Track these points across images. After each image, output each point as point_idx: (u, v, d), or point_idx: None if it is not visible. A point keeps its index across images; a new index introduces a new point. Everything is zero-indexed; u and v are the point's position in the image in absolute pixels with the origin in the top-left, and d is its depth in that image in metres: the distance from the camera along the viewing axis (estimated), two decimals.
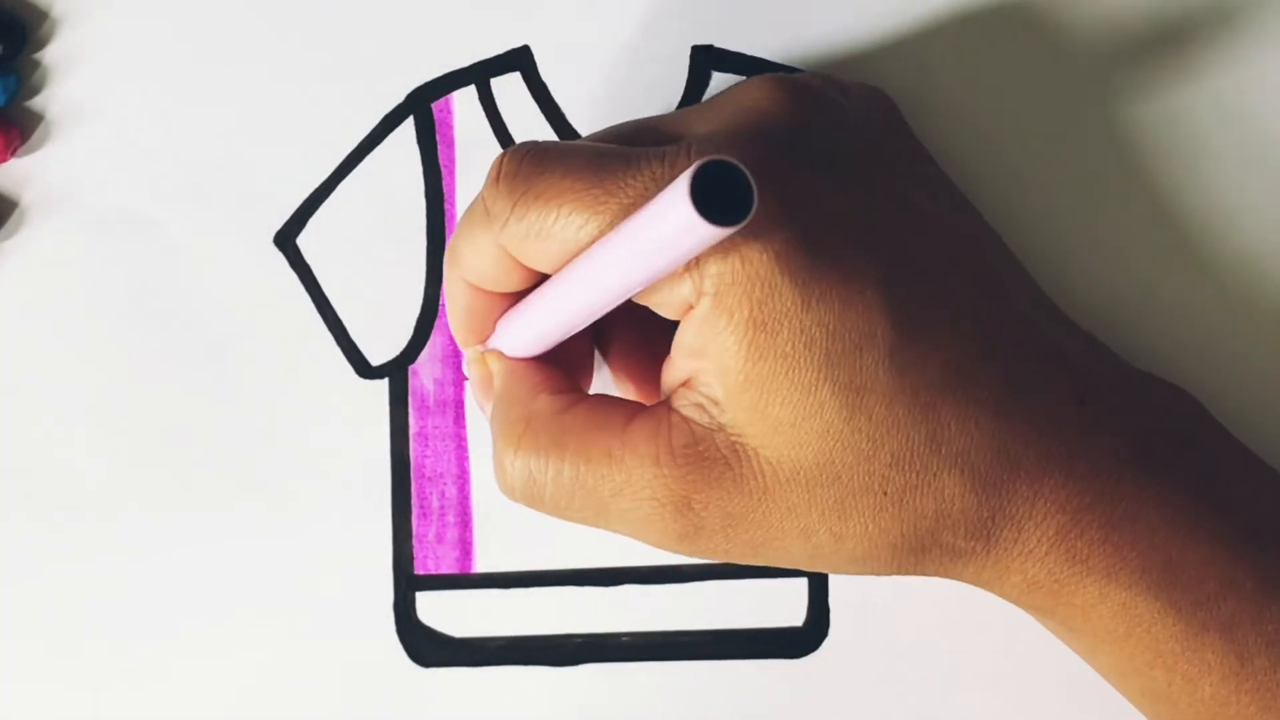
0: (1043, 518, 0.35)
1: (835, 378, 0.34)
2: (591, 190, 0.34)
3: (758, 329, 0.33)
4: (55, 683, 0.42)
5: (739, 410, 0.34)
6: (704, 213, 0.29)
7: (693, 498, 0.34)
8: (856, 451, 0.34)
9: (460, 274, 0.37)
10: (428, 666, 0.42)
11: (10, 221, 0.43)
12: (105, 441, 0.43)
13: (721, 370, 0.34)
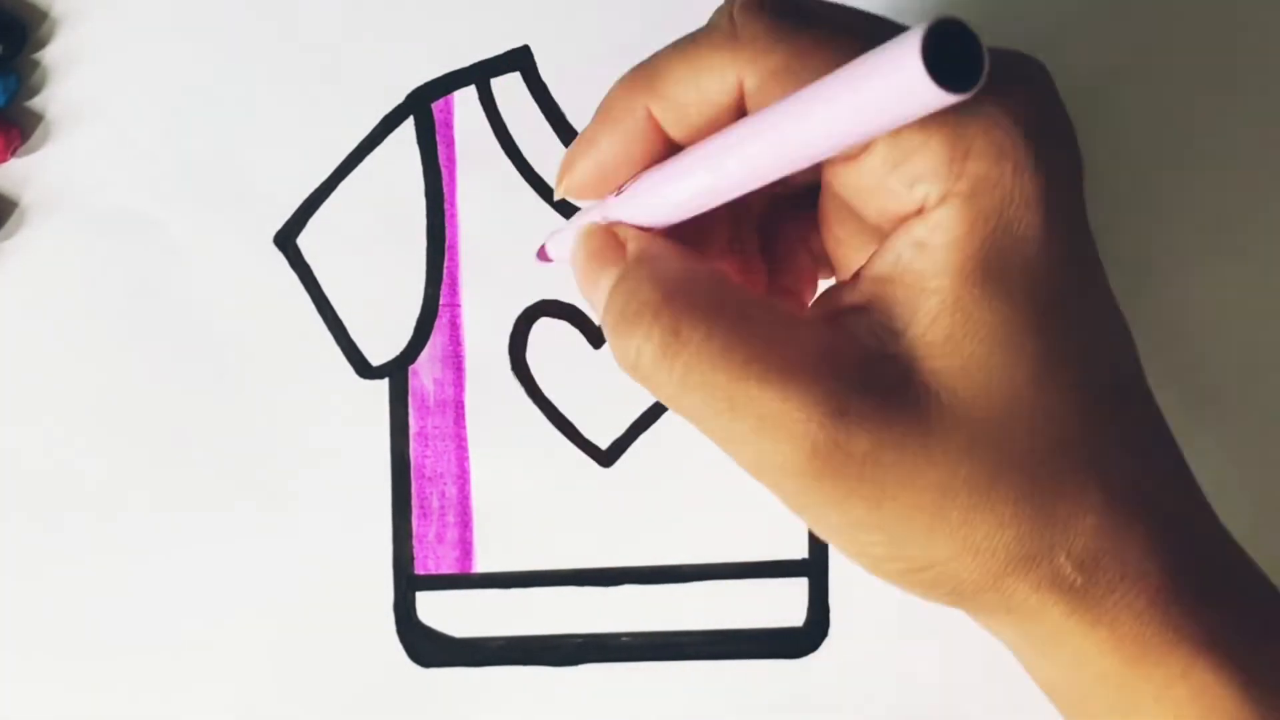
0: (1150, 569, 0.31)
1: (1043, 333, 0.30)
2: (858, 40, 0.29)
3: (995, 252, 0.30)
4: (55, 683, 0.42)
5: (927, 338, 0.31)
6: (935, 76, 0.25)
7: (850, 404, 0.30)
8: (1031, 420, 0.31)
9: (650, 103, 0.32)
10: (428, 666, 0.42)
11: (10, 221, 0.43)
12: (105, 441, 0.43)
13: (922, 291, 0.30)
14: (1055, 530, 0.31)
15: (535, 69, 0.42)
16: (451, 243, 0.42)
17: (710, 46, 0.31)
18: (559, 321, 0.42)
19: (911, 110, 0.27)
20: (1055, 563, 0.31)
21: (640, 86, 0.33)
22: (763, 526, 0.42)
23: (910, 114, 0.27)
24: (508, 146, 0.42)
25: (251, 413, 0.42)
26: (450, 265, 0.42)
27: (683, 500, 0.42)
